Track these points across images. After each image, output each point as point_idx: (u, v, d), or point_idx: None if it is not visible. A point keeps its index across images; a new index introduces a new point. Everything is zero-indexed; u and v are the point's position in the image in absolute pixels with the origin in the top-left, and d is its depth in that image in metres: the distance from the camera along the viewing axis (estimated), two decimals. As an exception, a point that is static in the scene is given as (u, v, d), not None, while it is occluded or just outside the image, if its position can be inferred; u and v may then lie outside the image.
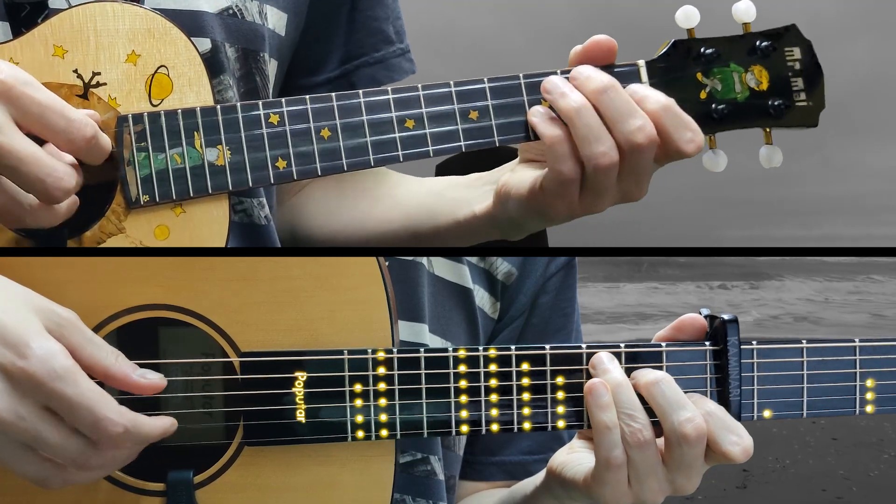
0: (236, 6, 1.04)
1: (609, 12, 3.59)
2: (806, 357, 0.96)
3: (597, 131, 0.93)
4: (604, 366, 0.92)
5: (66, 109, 0.86)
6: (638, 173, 0.95)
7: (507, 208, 1.01)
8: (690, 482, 0.92)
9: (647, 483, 0.91)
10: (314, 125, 0.96)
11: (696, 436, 0.89)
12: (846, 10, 5.13)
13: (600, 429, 0.90)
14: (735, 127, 1.00)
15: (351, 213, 1.16)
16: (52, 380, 0.78)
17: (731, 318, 0.93)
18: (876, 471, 5.21)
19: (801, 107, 1.00)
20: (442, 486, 1.08)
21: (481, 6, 5.48)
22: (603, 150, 0.93)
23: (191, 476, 0.89)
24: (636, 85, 0.96)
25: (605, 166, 0.93)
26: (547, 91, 0.96)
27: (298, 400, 0.89)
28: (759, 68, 1.00)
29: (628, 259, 14.81)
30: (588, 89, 0.95)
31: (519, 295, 1.14)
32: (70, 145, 0.87)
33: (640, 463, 0.90)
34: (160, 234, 0.95)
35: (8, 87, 0.83)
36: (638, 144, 0.93)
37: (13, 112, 0.84)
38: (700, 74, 1.00)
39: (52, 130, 0.86)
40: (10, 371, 0.77)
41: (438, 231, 1.08)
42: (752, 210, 7.98)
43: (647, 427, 0.90)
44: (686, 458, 0.90)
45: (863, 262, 15.03)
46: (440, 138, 0.97)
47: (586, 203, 0.97)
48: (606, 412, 0.90)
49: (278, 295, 0.90)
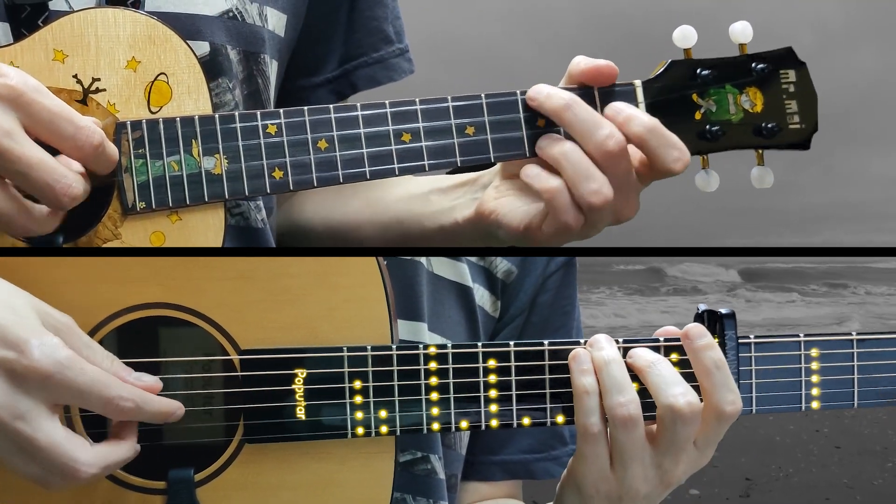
0: (236, 8, 1.05)
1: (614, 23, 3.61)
2: (804, 351, 0.96)
3: (586, 170, 0.94)
4: (599, 343, 0.93)
5: (75, 117, 0.87)
6: (622, 188, 0.95)
7: (493, 231, 1.02)
8: (678, 468, 0.92)
9: (631, 467, 0.90)
10: (311, 136, 0.96)
11: (689, 411, 0.89)
12: (852, 21, 5.17)
13: (579, 393, 0.91)
14: (727, 148, 1.01)
15: (345, 214, 1.17)
16: (59, 371, 0.78)
17: (728, 312, 0.94)
18: (880, 479, 5.19)
19: (794, 129, 1.01)
20: (443, 484, 1.08)
21: (488, 16, 5.52)
22: (595, 189, 0.94)
23: (191, 474, 0.89)
24: (621, 104, 0.97)
25: (599, 205, 0.94)
26: (540, 148, 0.97)
27: (298, 397, 0.90)
28: (755, 90, 1.01)
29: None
30: (549, 108, 0.96)
31: (519, 293, 1.14)
32: (78, 152, 0.87)
33: (625, 442, 0.90)
34: (156, 241, 0.95)
35: (18, 94, 0.84)
36: (609, 152, 0.94)
37: (22, 118, 0.84)
38: (696, 95, 1.00)
39: (60, 137, 0.86)
40: (15, 370, 0.77)
41: (426, 236, 1.09)
42: (753, 219, 8.02)
43: (634, 403, 0.90)
44: (678, 436, 0.90)
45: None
46: (436, 153, 0.98)
47: (582, 233, 0.98)
48: (586, 377, 0.91)
49: (277, 293, 0.90)
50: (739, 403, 0.92)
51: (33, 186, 0.85)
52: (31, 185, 0.85)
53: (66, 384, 0.79)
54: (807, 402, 0.96)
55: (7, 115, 0.83)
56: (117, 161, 0.91)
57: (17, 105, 0.84)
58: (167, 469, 0.89)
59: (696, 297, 13.27)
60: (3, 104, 0.83)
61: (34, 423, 0.78)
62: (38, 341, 0.78)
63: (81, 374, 0.79)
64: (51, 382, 0.78)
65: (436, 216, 1.07)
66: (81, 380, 0.79)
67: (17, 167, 0.84)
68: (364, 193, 1.16)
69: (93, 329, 0.88)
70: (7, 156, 0.83)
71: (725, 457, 1.47)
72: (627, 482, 0.91)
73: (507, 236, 1.01)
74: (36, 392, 0.78)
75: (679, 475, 0.93)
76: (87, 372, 0.80)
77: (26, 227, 0.88)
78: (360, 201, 1.16)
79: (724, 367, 0.92)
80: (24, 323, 0.79)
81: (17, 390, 0.78)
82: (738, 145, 1.01)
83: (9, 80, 0.84)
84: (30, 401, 0.78)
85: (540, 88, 0.97)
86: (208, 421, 0.90)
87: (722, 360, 0.92)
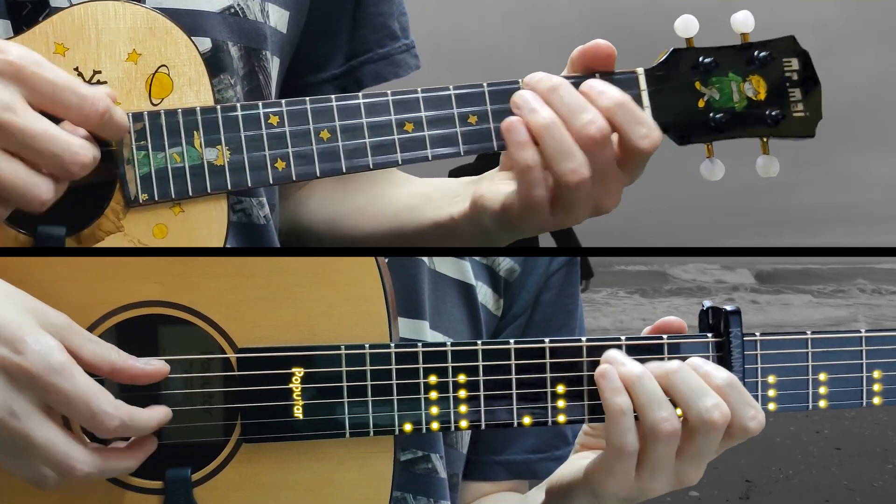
0: (238, 5, 1.04)
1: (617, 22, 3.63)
2: (811, 348, 0.95)
3: (568, 147, 0.93)
4: (619, 360, 0.91)
5: (78, 86, 0.86)
6: (603, 177, 0.94)
7: (482, 218, 1.00)
8: (697, 472, 0.92)
9: (658, 477, 0.90)
10: (314, 126, 0.96)
11: (722, 421, 0.88)
12: (854, 22, 5.19)
13: (615, 414, 0.89)
14: (732, 136, 1.01)
15: (346, 210, 1.16)
16: (48, 374, 0.78)
17: (733, 309, 0.93)
18: (880, 481, 5.18)
19: (798, 117, 1.00)
20: (444, 484, 1.08)
21: (491, 15, 5.55)
22: (573, 167, 0.92)
23: (189, 474, 0.89)
24: (593, 80, 0.96)
25: (576, 183, 0.93)
26: (517, 106, 0.95)
27: (296, 396, 0.89)
28: (758, 78, 1.00)
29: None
30: (539, 89, 0.95)
31: (521, 292, 1.14)
32: (84, 120, 0.87)
33: (662, 455, 0.89)
34: (159, 233, 0.94)
35: (19, 68, 0.84)
36: (591, 137, 0.93)
37: (25, 92, 0.84)
38: (698, 83, 1.00)
39: (64, 107, 0.86)
40: (7, 367, 0.77)
41: (421, 233, 1.08)
42: (755, 219, 8.04)
43: (675, 417, 0.88)
44: (707, 445, 0.89)
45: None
46: (439, 142, 0.97)
47: (558, 218, 0.96)
48: (620, 395, 0.89)
49: (275, 291, 0.89)
50: (762, 416, 0.90)
51: (40, 157, 0.85)
52: (38, 156, 0.85)
53: (52, 389, 0.78)
54: (814, 400, 0.95)
55: (7, 89, 0.83)
56: (127, 127, 0.91)
57: (18, 79, 0.84)
58: (164, 468, 0.88)
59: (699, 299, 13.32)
60: (4, 79, 0.83)
61: (28, 421, 0.78)
62: (33, 340, 0.78)
63: (70, 381, 0.79)
64: (38, 384, 0.78)
65: (433, 212, 1.07)
66: (69, 386, 0.78)
67: (21, 139, 0.83)
68: (368, 190, 1.15)
69: (90, 327, 0.87)
70: (9, 129, 0.83)
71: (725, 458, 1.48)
72: (649, 489, 0.91)
73: (490, 219, 0.99)
74: (27, 391, 0.78)
75: (695, 480, 0.92)
76: (78, 381, 0.79)
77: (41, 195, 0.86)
78: (364, 198, 1.15)
79: (736, 385, 0.90)
80: (21, 321, 0.79)
81: (11, 388, 0.78)
82: (743, 133, 1.01)
83: (8, 56, 0.84)
84: (23, 399, 0.78)
85: (533, 74, 0.96)
86: (205, 420, 0.89)
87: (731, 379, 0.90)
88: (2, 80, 0.83)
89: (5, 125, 0.83)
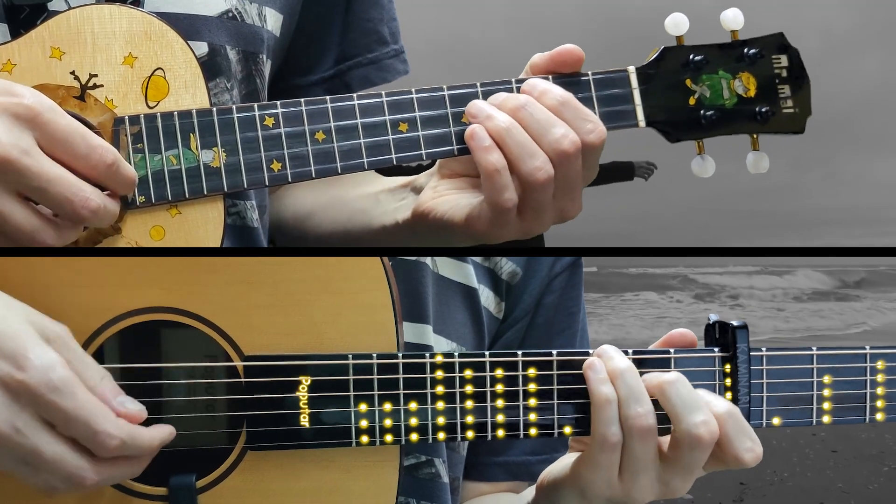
0: (236, 9, 1.05)
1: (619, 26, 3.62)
2: (816, 364, 0.95)
3: (530, 147, 0.94)
4: (608, 354, 0.92)
5: (89, 136, 0.87)
6: (571, 187, 0.95)
7: (433, 230, 1.01)
8: (685, 485, 0.92)
9: (640, 478, 0.90)
10: (309, 128, 0.96)
11: (709, 439, 0.89)
12: (858, 26, 5.18)
13: (600, 403, 0.90)
14: (723, 133, 1.02)
15: (313, 209, 1.18)
16: (49, 391, 0.77)
17: (740, 324, 0.93)
18: (875, 484, 5.19)
19: (788, 113, 1.02)
20: (447, 488, 1.08)
21: (493, 20, 5.53)
22: (538, 165, 0.93)
23: (193, 480, 0.88)
24: (536, 80, 0.97)
25: (542, 182, 0.93)
26: (473, 115, 0.96)
27: (302, 404, 0.89)
28: (747, 75, 1.01)
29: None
30: (507, 108, 0.95)
31: (524, 295, 1.14)
32: (92, 171, 0.88)
33: (639, 453, 0.90)
34: (156, 235, 0.95)
35: (35, 114, 0.85)
36: (564, 151, 0.93)
37: (38, 137, 0.85)
38: (689, 81, 1.01)
39: (74, 156, 0.86)
40: (8, 383, 0.77)
41: (373, 236, 1.09)
42: (756, 222, 8.04)
43: (651, 414, 0.90)
44: (693, 461, 0.90)
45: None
46: (433, 141, 0.98)
47: (527, 224, 0.97)
48: (605, 385, 0.90)
49: (282, 298, 0.89)
50: (759, 450, 0.91)
51: (52, 201, 0.86)
52: (51, 200, 0.86)
53: (53, 406, 0.78)
54: (818, 416, 0.96)
55: (24, 133, 0.84)
56: (135, 181, 0.92)
57: (33, 124, 0.85)
58: (169, 475, 0.88)
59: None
60: (20, 123, 0.84)
61: (35, 437, 0.78)
62: (35, 356, 0.78)
63: (71, 399, 0.78)
64: (40, 401, 0.78)
65: (381, 217, 1.08)
66: (69, 405, 0.78)
67: (36, 183, 0.84)
68: (331, 190, 1.16)
69: (94, 333, 0.87)
70: (26, 173, 0.84)
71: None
72: (634, 492, 0.91)
73: (451, 235, 1.00)
74: (30, 407, 0.78)
75: (683, 491, 0.93)
76: (79, 399, 0.79)
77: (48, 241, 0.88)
78: (327, 197, 1.17)
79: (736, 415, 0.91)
80: (23, 335, 0.79)
81: (14, 405, 0.77)
82: (733, 130, 1.02)
83: (24, 100, 0.85)
84: (26, 415, 0.78)
85: (496, 95, 0.97)
86: (211, 427, 0.89)
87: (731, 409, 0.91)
88: (18, 125, 0.84)
89: (24, 169, 0.83)
